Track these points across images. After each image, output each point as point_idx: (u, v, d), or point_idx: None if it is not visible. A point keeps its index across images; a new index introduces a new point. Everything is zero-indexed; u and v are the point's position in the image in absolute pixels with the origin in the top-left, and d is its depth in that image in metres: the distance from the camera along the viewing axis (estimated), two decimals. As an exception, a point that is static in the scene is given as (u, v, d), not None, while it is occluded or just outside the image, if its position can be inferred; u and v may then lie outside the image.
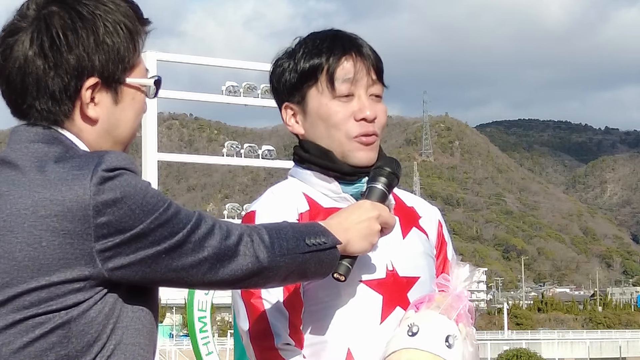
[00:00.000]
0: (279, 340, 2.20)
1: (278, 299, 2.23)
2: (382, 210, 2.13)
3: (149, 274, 1.77)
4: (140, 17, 1.90)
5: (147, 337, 1.82)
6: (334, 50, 2.32)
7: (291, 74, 2.35)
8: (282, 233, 1.94)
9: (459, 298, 2.17)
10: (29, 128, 1.84)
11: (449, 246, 2.50)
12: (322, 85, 2.32)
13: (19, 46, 1.82)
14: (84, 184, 1.71)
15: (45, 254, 1.70)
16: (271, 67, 2.41)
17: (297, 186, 2.36)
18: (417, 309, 2.17)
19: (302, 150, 2.38)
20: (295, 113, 2.37)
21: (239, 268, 1.85)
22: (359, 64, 2.32)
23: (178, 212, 1.79)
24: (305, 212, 2.30)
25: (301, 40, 2.39)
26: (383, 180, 2.21)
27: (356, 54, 2.33)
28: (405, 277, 2.31)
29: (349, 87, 2.31)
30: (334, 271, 2.07)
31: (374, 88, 2.34)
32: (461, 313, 2.15)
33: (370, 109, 2.32)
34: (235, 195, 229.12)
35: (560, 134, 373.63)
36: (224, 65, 13.96)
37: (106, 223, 1.71)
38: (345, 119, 2.31)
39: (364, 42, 2.37)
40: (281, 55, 2.39)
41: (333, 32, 2.39)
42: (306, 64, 2.33)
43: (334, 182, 2.33)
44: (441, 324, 2.12)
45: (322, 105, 2.32)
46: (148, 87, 1.92)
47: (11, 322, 1.72)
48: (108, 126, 1.87)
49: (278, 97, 2.40)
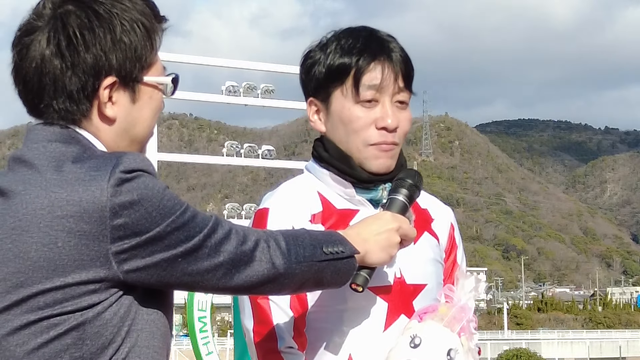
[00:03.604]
0: (282, 344, 2.19)
1: (284, 301, 2.21)
2: (402, 222, 2.10)
3: (164, 278, 1.75)
4: (156, 14, 1.88)
5: (161, 340, 1.80)
6: (364, 54, 2.28)
7: (320, 68, 2.31)
8: (299, 240, 1.91)
9: (463, 310, 2.15)
10: (46, 127, 1.82)
11: (459, 249, 2.48)
12: (347, 88, 2.29)
13: (35, 45, 1.80)
14: (101, 185, 1.69)
15: (60, 255, 1.69)
16: (302, 58, 2.38)
17: (312, 184, 2.33)
18: (421, 319, 2.15)
19: (323, 148, 2.35)
20: (318, 110, 2.35)
21: (254, 274, 1.83)
22: (387, 71, 2.28)
23: (195, 215, 1.77)
24: (318, 214, 2.28)
25: (335, 34, 2.34)
26: (404, 192, 2.19)
27: (385, 59, 2.28)
28: (412, 284, 2.28)
29: (373, 93, 2.28)
30: (352, 281, 2.05)
31: (400, 95, 2.31)
32: (464, 326, 2.13)
33: (393, 118, 2.28)
34: (235, 195, 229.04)
35: (560, 134, 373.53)
36: (228, 66, 13.94)
37: (123, 225, 1.69)
38: (366, 125, 2.28)
39: (397, 46, 2.32)
40: (314, 47, 2.36)
41: (368, 31, 2.34)
42: (335, 61, 2.29)
43: (350, 188, 2.31)
44: (444, 337, 2.10)
45: (345, 109, 2.29)
46: (165, 85, 1.90)
47: (25, 322, 1.70)
48: (126, 125, 1.85)
49: (305, 89, 2.38)
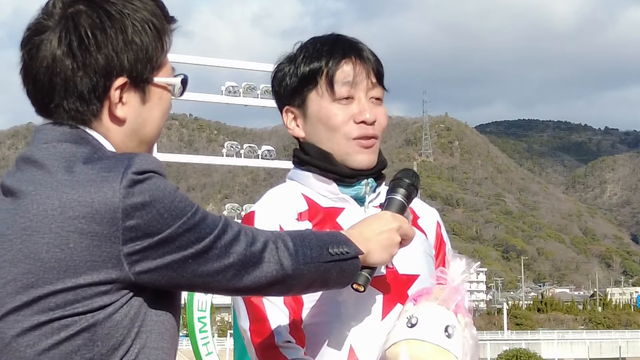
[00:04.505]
0: (280, 338, 2.20)
1: (278, 299, 2.23)
2: (402, 221, 2.12)
3: (174, 279, 1.75)
4: (166, 15, 1.88)
5: (170, 342, 1.80)
6: (334, 54, 2.34)
7: (292, 78, 2.37)
8: (306, 241, 1.92)
9: (456, 290, 2.17)
10: (56, 127, 1.82)
11: (448, 247, 2.50)
12: (322, 88, 2.33)
13: (46, 45, 1.79)
14: (113, 187, 1.69)
15: (72, 256, 1.68)
16: (272, 72, 2.43)
17: (295, 188, 2.37)
18: (416, 302, 2.17)
19: (302, 152, 2.39)
20: (295, 116, 2.39)
21: (263, 275, 1.84)
22: (358, 67, 2.33)
23: (205, 217, 1.78)
24: (304, 212, 2.31)
25: (302, 45, 2.41)
26: (402, 192, 2.21)
27: (356, 57, 2.34)
28: (405, 274, 2.31)
29: (348, 89, 2.33)
30: (353, 281, 2.06)
31: (374, 91, 2.36)
32: (459, 304, 2.15)
33: (370, 112, 2.33)
34: (234, 195, 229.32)
35: (560, 134, 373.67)
36: (228, 66, 13.96)
37: (134, 226, 1.69)
38: (345, 121, 2.32)
39: (365, 46, 2.39)
40: (282, 60, 2.41)
41: (334, 36, 2.41)
42: (306, 67, 2.35)
43: (333, 184, 2.34)
44: (440, 314, 2.12)
45: (322, 108, 2.33)
46: (174, 85, 1.91)
47: (36, 323, 1.69)
48: (135, 126, 1.85)
49: (279, 101, 2.43)
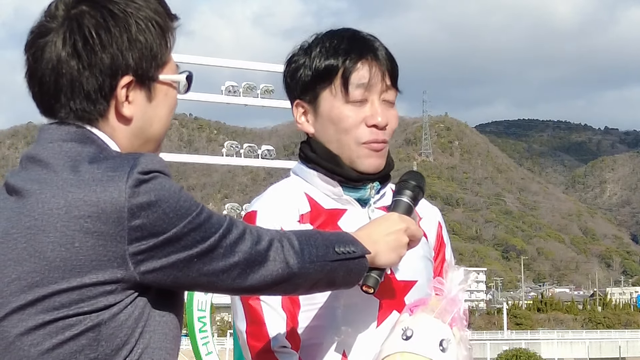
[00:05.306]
0: (276, 343, 2.19)
1: (276, 301, 2.21)
2: (409, 223, 2.11)
3: (180, 278, 1.75)
4: (169, 13, 1.88)
5: (173, 342, 1.80)
6: (351, 54, 2.29)
7: (305, 72, 2.31)
8: (312, 240, 1.91)
9: (453, 302, 2.15)
10: (61, 126, 1.82)
11: (448, 248, 2.49)
12: (335, 88, 2.29)
13: (51, 47, 1.80)
14: (119, 186, 1.69)
15: (77, 255, 1.68)
16: (285, 63, 2.37)
17: (299, 185, 2.34)
18: (412, 312, 2.15)
19: (310, 149, 2.35)
20: (306, 111, 2.35)
21: (268, 274, 1.84)
22: (374, 69, 2.29)
23: (210, 216, 1.78)
24: (306, 214, 2.29)
25: (318, 37, 2.35)
26: (409, 194, 2.21)
27: (372, 58, 2.30)
28: (403, 281, 2.30)
29: (362, 92, 2.28)
30: (362, 283, 2.06)
31: (387, 94, 2.32)
32: (455, 317, 2.13)
33: (382, 116, 2.29)
34: (234, 195, 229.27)
35: (560, 134, 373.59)
36: (228, 66, 13.97)
37: (140, 226, 1.69)
38: (356, 124, 2.29)
39: (381, 46, 2.34)
40: (297, 51, 2.36)
41: (351, 32, 2.35)
42: (322, 64, 2.29)
43: (338, 187, 2.31)
44: (435, 328, 2.10)
45: (334, 109, 2.29)
46: (179, 82, 1.91)
47: (41, 322, 1.69)
48: (142, 124, 1.85)
49: (290, 94, 2.38)
